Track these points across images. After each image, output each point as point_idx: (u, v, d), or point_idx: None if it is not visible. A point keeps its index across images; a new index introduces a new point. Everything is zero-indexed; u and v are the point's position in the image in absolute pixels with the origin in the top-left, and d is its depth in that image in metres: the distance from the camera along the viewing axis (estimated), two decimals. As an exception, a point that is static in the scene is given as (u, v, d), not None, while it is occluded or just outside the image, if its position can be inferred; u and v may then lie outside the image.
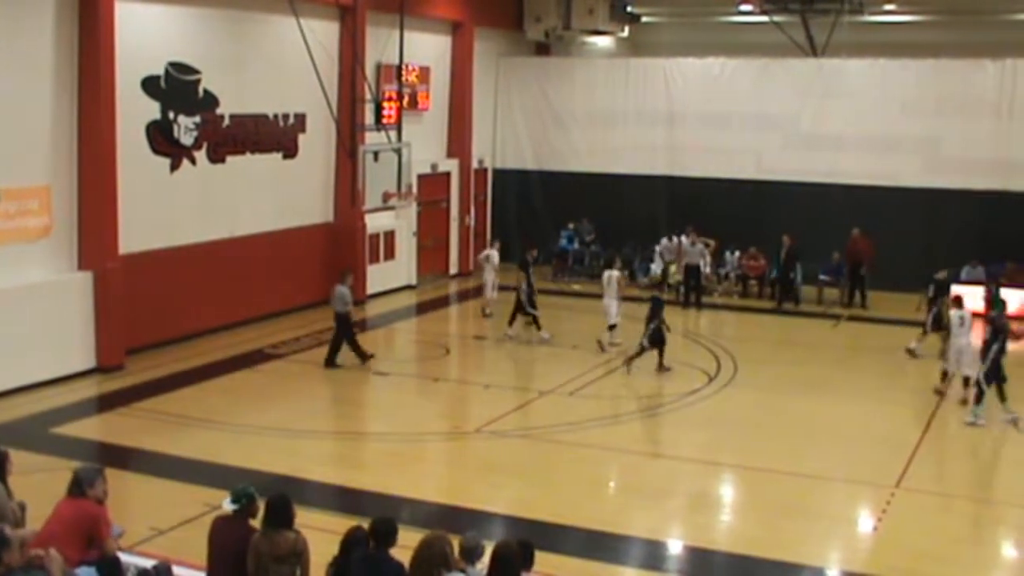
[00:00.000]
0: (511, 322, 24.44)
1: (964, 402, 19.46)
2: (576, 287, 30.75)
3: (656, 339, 21.75)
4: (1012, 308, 23.94)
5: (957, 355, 19.97)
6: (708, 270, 29.48)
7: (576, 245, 32.66)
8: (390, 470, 16.15)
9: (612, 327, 23.67)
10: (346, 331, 21.95)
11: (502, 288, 26.55)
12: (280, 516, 9.42)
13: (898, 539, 13.96)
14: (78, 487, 9.82)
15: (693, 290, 28.65)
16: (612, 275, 24.00)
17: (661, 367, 21.77)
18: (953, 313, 20.19)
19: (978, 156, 28.88)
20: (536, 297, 24.56)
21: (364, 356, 22.00)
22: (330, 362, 21.81)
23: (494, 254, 27.49)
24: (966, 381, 19.71)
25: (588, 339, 24.03)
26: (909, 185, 29.46)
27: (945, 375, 20.51)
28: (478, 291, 28.26)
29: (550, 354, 23.49)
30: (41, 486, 10.61)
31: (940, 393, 20.39)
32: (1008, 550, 14.33)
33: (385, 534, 9.27)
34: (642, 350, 21.77)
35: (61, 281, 20.24)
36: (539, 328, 24.26)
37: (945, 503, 15.36)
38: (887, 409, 19.89)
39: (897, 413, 19.70)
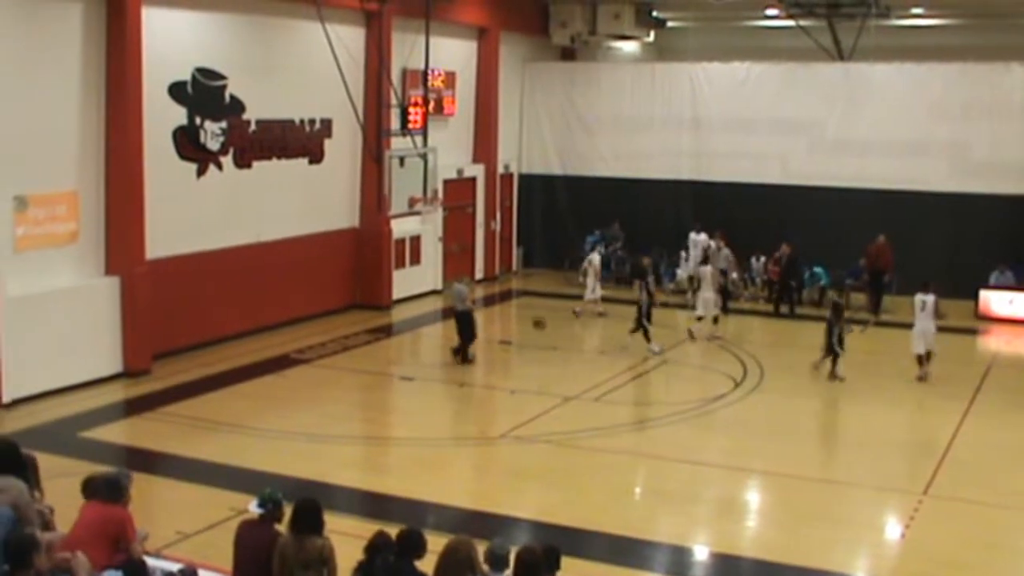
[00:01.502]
0: (634, 331, 24.12)
1: (921, 379, 21.29)
2: (602, 292, 30.66)
3: (839, 344, 21.74)
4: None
5: (921, 336, 21.53)
6: (735, 275, 29.36)
7: (603, 250, 32.54)
8: (416, 475, 16.14)
9: (700, 318, 25.17)
10: (469, 327, 22.49)
11: (524, 293, 26.49)
12: (308, 521, 9.40)
13: (926, 546, 13.87)
14: (104, 491, 9.83)
15: (720, 295, 28.49)
16: (707, 271, 25.88)
17: (834, 374, 21.75)
18: (917, 297, 21.69)
19: (1006, 160, 28.72)
20: (654, 310, 24.37)
21: (466, 357, 22.49)
22: (465, 357, 22.48)
23: (596, 258, 28.04)
24: (921, 358, 21.51)
25: (611, 344, 23.96)
26: (937, 190, 29.29)
27: (920, 360, 21.74)
28: (504, 296, 28.30)
29: (577, 359, 23.47)
30: (69, 490, 10.62)
31: (920, 379, 21.58)
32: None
33: (411, 545, 9.22)
34: (835, 355, 21.75)
35: (88, 286, 20.34)
36: (648, 340, 23.93)
37: (974, 510, 15.19)
38: (914, 415, 19.81)
39: (924, 418, 19.61)
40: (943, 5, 30.51)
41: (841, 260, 28.80)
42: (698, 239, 29.91)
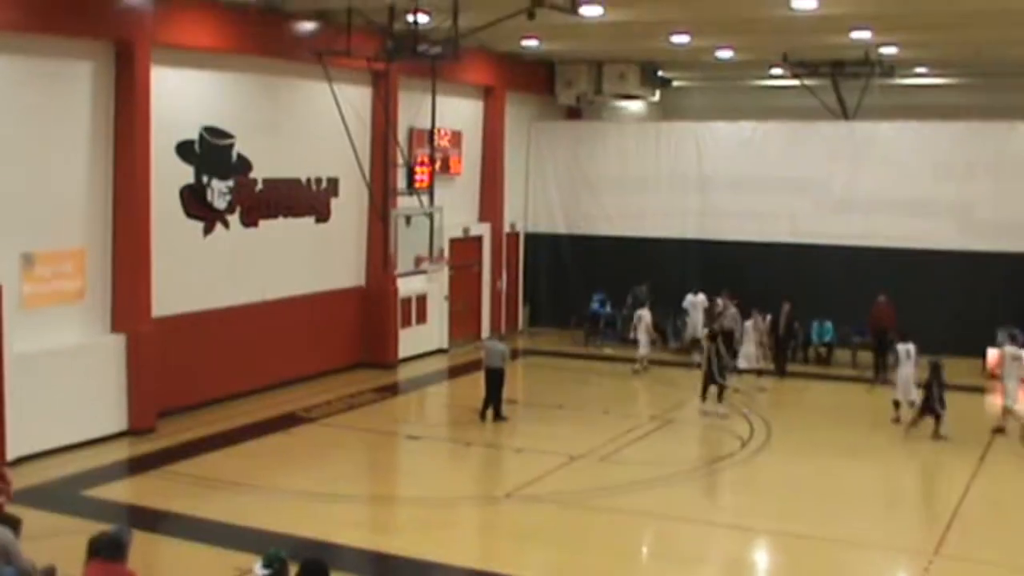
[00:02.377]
0: (704, 395, 23.92)
1: (909, 423, 21.81)
2: (608, 351, 30.64)
3: (940, 404, 21.61)
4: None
5: (904, 384, 22.49)
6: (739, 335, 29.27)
7: (608, 309, 32.49)
8: (421, 535, 16.02)
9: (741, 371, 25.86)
10: (500, 385, 22.59)
11: (531, 352, 26.39)
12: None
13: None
14: (108, 550, 9.74)
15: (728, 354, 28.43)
16: (748, 324, 26.73)
17: (938, 434, 21.58)
18: (900, 347, 22.80)
19: (1011, 218, 28.76)
20: (727, 369, 24.39)
21: (499, 414, 22.62)
22: (498, 414, 22.53)
23: (646, 314, 28.27)
24: (910, 404, 22.23)
25: (618, 403, 23.88)
26: (942, 248, 29.31)
27: (897, 404, 22.59)
28: (511, 355, 28.20)
29: (582, 419, 23.36)
30: (73, 549, 10.55)
31: (896, 421, 22.38)
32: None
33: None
34: (937, 415, 21.60)
35: (94, 344, 20.33)
36: (720, 400, 23.76)
37: (985, 571, 15.07)
38: (924, 474, 19.67)
39: (934, 478, 19.48)
40: (946, 64, 30.69)
41: (848, 317, 28.75)
42: (696, 300, 29.90)
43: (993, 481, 19.12)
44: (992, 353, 25.90)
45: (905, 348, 22.77)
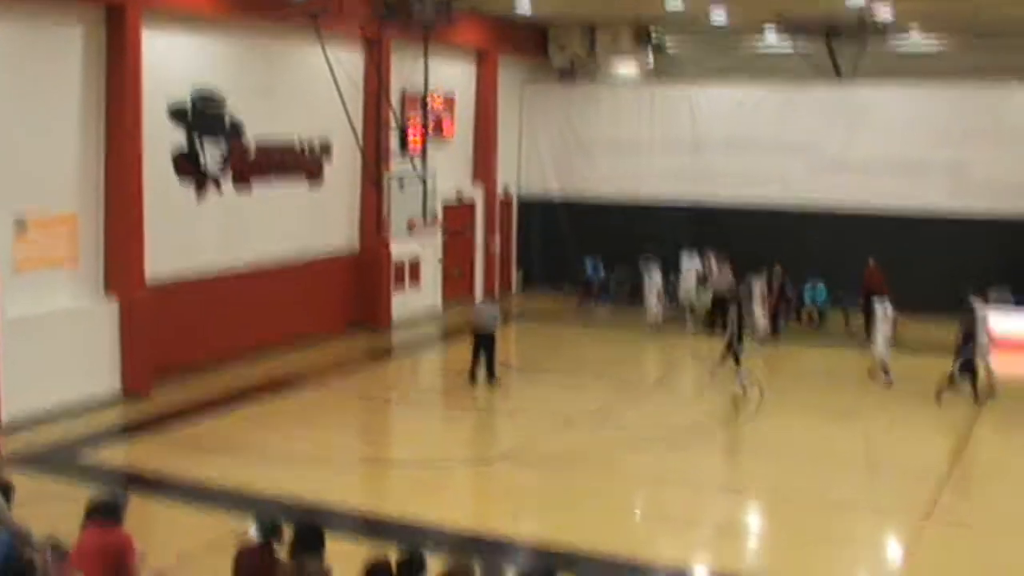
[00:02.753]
0: (724, 360, 23.25)
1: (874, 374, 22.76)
2: (605, 315, 30.67)
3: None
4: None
5: (886, 341, 22.96)
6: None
7: (601, 274, 32.53)
8: (414, 497, 16.10)
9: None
10: (492, 348, 22.58)
11: (524, 315, 26.44)
12: (309, 543, 9.34)
13: (924, 571, 13.83)
14: (104, 514, 9.77)
15: (721, 317, 28.45)
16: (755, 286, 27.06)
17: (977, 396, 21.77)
18: (878, 306, 23.15)
19: (1006, 182, 28.79)
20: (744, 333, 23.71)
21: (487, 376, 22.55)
22: (492, 376, 22.52)
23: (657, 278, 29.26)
24: (882, 365, 22.88)
25: (611, 366, 23.92)
26: (936, 210, 29.37)
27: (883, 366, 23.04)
28: (504, 318, 28.20)
29: (574, 382, 23.42)
30: (67, 514, 10.58)
31: (872, 375, 23.04)
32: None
33: (411, 568, 9.16)
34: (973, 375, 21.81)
35: (88, 308, 20.33)
36: (738, 365, 22.74)
37: (975, 534, 15.14)
38: (915, 438, 19.74)
39: (926, 442, 19.55)
40: (941, 26, 30.56)
41: (840, 280, 28.78)
42: (690, 263, 29.93)
43: (985, 443, 19.22)
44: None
45: (883, 307, 23.06)
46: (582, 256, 32.78)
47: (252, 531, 9.68)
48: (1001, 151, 29.00)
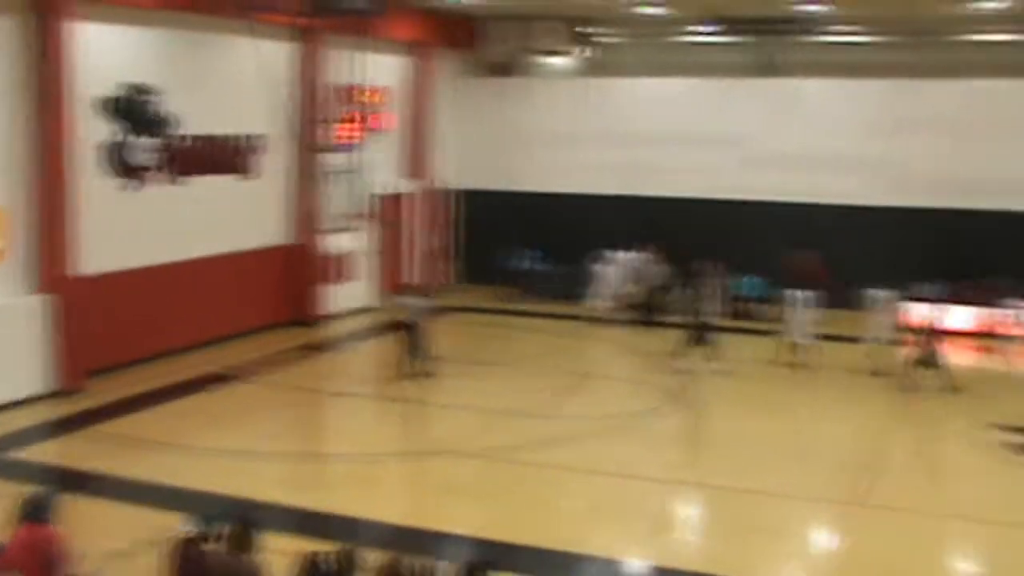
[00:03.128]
0: (686, 350, 23.63)
1: (795, 365, 23.58)
2: (541, 309, 30.77)
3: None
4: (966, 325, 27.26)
5: (799, 326, 24.01)
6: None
7: (539, 266, 32.57)
8: (349, 491, 16.10)
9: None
10: (420, 340, 22.58)
11: (459, 309, 26.47)
12: (241, 540, 9.36)
13: (859, 557, 14.04)
14: (36, 513, 9.72)
15: (652, 310, 28.68)
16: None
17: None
18: (788, 293, 24.47)
19: (938, 176, 29.21)
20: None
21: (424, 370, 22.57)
22: (423, 369, 22.53)
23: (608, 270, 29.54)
24: (795, 347, 23.87)
25: (547, 359, 24.01)
26: (869, 202, 29.74)
27: (794, 347, 23.99)
28: (438, 311, 28.23)
29: (509, 375, 23.50)
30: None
31: (790, 365, 23.81)
32: (967, 566, 14.44)
33: (348, 564, 9.18)
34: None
35: (18, 304, 20.08)
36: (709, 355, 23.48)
37: (907, 520, 15.36)
38: (846, 427, 20.00)
39: (857, 430, 19.81)
40: (874, 22, 30.90)
41: (776, 272, 28.98)
42: (622, 257, 29.98)
43: (916, 433, 19.50)
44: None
45: (803, 296, 24.12)
46: (519, 249, 32.82)
47: (184, 527, 9.66)
48: (933, 144, 29.38)
